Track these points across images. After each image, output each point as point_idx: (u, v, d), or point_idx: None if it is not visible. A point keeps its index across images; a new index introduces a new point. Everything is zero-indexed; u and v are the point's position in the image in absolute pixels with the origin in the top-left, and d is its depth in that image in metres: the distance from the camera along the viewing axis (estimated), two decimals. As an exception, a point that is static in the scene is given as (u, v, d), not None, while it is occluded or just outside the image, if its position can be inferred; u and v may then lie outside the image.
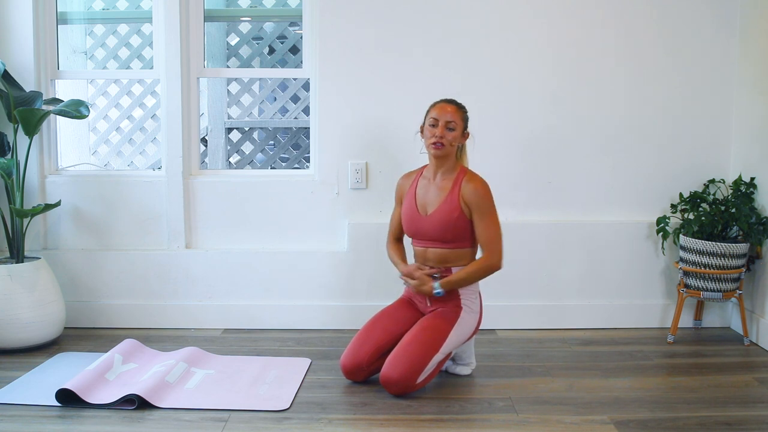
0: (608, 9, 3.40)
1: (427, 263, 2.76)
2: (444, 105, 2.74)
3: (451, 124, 2.69)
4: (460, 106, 2.76)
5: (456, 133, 2.70)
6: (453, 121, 2.69)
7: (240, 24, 5.60)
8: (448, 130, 2.69)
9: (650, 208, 3.50)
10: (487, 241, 2.67)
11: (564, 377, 2.83)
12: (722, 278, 3.18)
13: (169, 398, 2.55)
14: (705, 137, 3.49)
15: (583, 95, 3.45)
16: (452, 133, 2.70)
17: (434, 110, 2.74)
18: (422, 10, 3.38)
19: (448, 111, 2.71)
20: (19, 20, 3.34)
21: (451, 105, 2.74)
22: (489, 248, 2.66)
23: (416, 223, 2.76)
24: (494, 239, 2.66)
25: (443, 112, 2.71)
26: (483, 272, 2.68)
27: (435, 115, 2.71)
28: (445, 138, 2.68)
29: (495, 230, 2.67)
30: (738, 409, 2.52)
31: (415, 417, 2.44)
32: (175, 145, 3.45)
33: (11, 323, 3.01)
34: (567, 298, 3.50)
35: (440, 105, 2.75)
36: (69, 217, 3.49)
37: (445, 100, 2.77)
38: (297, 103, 5.97)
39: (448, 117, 2.69)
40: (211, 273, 3.47)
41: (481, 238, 2.68)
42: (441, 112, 2.71)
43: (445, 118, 2.69)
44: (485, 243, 2.67)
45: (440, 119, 2.69)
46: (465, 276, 2.68)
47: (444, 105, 2.74)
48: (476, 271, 2.68)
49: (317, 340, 3.30)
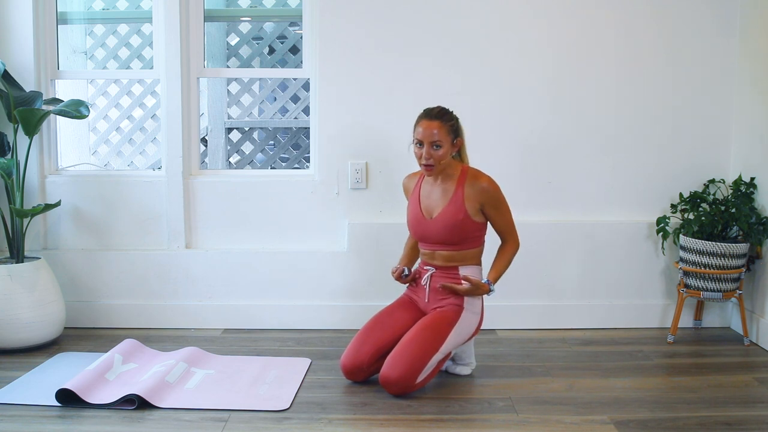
0: (609, 9, 3.40)
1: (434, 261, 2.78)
2: (427, 123, 2.64)
3: (436, 143, 2.63)
4: (444, 119, 2.65)
5: (444, 149, 2.64)
6: (438, 140, 2.62)
7: (240, 24, 5.60)
8: (434, 149, 2.64)
9: (650, 208, 3.50)
10: (506, 230, 2.78)
11: (564, 377, 2.83)
12: (722, 278, 3.18)
13: (169, 398, 2.55)
14: (705, 137, 3.49)
15: (583, 95, 3.45)
16: (440, 151, 2.64)
17: (418, 129, 2.66)
18: (422, 10, 3.38)
19: (432, 129, 2.63)
20: (19, 20, 3.33)
21: (434, 121, 2.64)
22: (510, 235, 2.79)
23: (422, 227, 2.76)
24: (512, 225, 2.79)
25: (427, 132, 2.63)
26: (514, 255, 2.81)
27: (419, 136, 2.65)
28: (433, 158, 2.65)
29: (510, 218, 2.78)
30: (738, 409, 2.52)
31: (415, 417, 2.44)
32: (175, 145, 3.45)
33: (11, 323, 3.01)
34: (567, 298, 3.50)
35: (423, 123, 2.65)
36: (69, 217, 3.49)
37: (428, 116, 2.67)
38: (297, 103, 5.97)
39: (432, 137, 2.62)
40: (211, 273, 3.47)
41: (499, 228, 2.78)
42: (425, 131, 2.63)
43: (430, 139, 2.62)
44: (505, 232, 2.79)
45: (424, 141, 2.64)
46: (504, 265, 2.79)
47: (427, 123, 2.64)
48: (511, 257, 2.80)
49: (317, 340, 3.30)
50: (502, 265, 2.78)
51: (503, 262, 2.78)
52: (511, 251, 2.79)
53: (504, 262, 2.78)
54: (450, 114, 2.70)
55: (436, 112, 2.68)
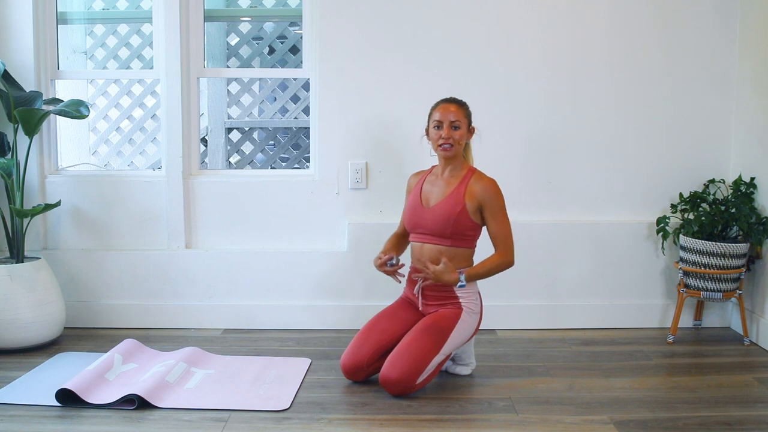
0: (609, 9, 3.40)
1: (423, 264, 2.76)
2: (446, 105, 2.74)
3: (455, 123, 2.70)
4: (461, 104, 2.76)
5: (462, 130, 2.71)
6: (457, 120, 2.70)
7: (240, 24, 5.60)
8: (453, 129, 2.70)
9: (650, 208, 3.50)
10: (500, 239, 2.68)
11: (564, 377, 2.83)
12: (722, 278, 3.18)
13: (169, 398, 2.55)
14: (705, 137, 3.49)
15: (583, 95, 3.45)
16: (458, 132, 2.71)
17: (436, 112, 2.74)
18: (422, 11, 3.38)
19: (450, 111, 2.71)
20: (19, 20, 3.33)
21: (452, 104, 2.74)
22: (503, 245, 2.68)
23: (417, 214, 2.77)
24: (507, 236, 2.68)
25: (446, 113, 2.71)
26: (500, 268, 2.69)
27: (438, 117, 2.72)
28: (452, 138, 2.69)
29: (507, 228, 2.69)
30: (738, 409, 2.52)
31: (415, 417, 2.44)
32: (175, 145, 3.45)
33: (11, 323, 3.01)
34: (567, 298, 3.50)
35: (442, 106, 2.74)
36: (69, 217, 3.49)
37: (446, 100, 2.77)
38: (297, 103, 5.96)
39: (451, 117, 2.70)
40: (211, 273, 3.47)
41: (493, 235, 2.69)
42: (444, 113, 2.71)
43: (449, 119, 2.70)
44: (499, 240, 2.68)
45: (444, 120, 2.70)
46: (485, 271, 2.67)
47: (446, 105, 2.74)
48: (495, 267, 2.68)
49: (317, 340, 3.30)
50: (483, 268, 2.67)
51: (485, 267, 2.67)
52: (497, 261, 2.67)
53: (486, 267, 2.67)
54: (464, 102, 2.79)
55: (452, 98, 2.79)
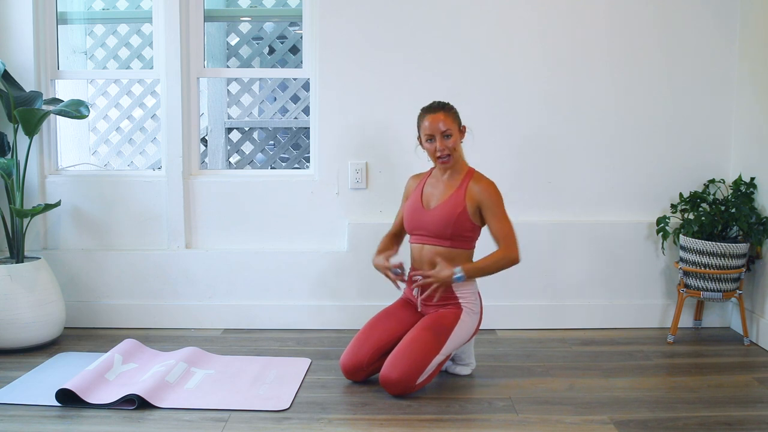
0: (609, 9, 3.40)
1: (422, 264, 2.76)
2: (432, 116, 2.68)
3: (446, 132, 2.67)
4: (447, 108, 2.71)
5: (454, 137, 2.69)
6: (447, 129, 2.67)
7: (240, 24, 5.60)
8: (446, 138, 2.67)
9: (650, 208, 3.50)
10: (502, 236, 2.66)
11: (564, 377, 2.83)
12: (722, 278, 3.18)
13: (169, 398, 2.55)
14: (705, 137, 3.49)
15: (583, 95, 3.45)
16: (451, 140, 2.68)
17: (425, 124, 2.69)
18: (422, 11, 3.38)
19: (439, 120, 2.67)
20: (19, 20, 3.33)
21: (438, 113, 2.69)
22: (505, 242, 2.66)
23: (418, 216, 2.76)
24: (509, 233, 2.66)
25: (434, 124, 2.67)
26: (503, 263, 2.65)
27: (428, 130, 2.68)
28: (447, 148, 2.68)
29: (508, 225, 2.67)
30: (738, 409, 2.52)
31: (415, 417, 2.44)
32: (175, 145, 3.45)
33: (11, 323, 3.01)
34: (567, 298, 3.50)
35: (428, 118, 2.69)
36: (69, 217, 3.49)
37: (431, 109, 2.71)
38: (297, 103, 5.96)
39: (441, 127, 2.66)
40: (211, 273, 3.47)
41: (495, 234, 2.68)
42: (432, 123, 2.67)
43: (440, 129, 2.67)
44: (501, 238, 2.66)
45: (435, 133, 2.67)
46: (486, 265, 2.65)
47: (432, 116, 2.68)
48: (496, 261, 2.65)
49: (317, 340, 3.30)
50: (484, 264, 2.65)
51: (485, 262, 2.65)
52: (502, 257, 2.64)
53: (486, 262, 2.65)
54: (448, 104, 2.75)
55: (436, 105, 2.74)
